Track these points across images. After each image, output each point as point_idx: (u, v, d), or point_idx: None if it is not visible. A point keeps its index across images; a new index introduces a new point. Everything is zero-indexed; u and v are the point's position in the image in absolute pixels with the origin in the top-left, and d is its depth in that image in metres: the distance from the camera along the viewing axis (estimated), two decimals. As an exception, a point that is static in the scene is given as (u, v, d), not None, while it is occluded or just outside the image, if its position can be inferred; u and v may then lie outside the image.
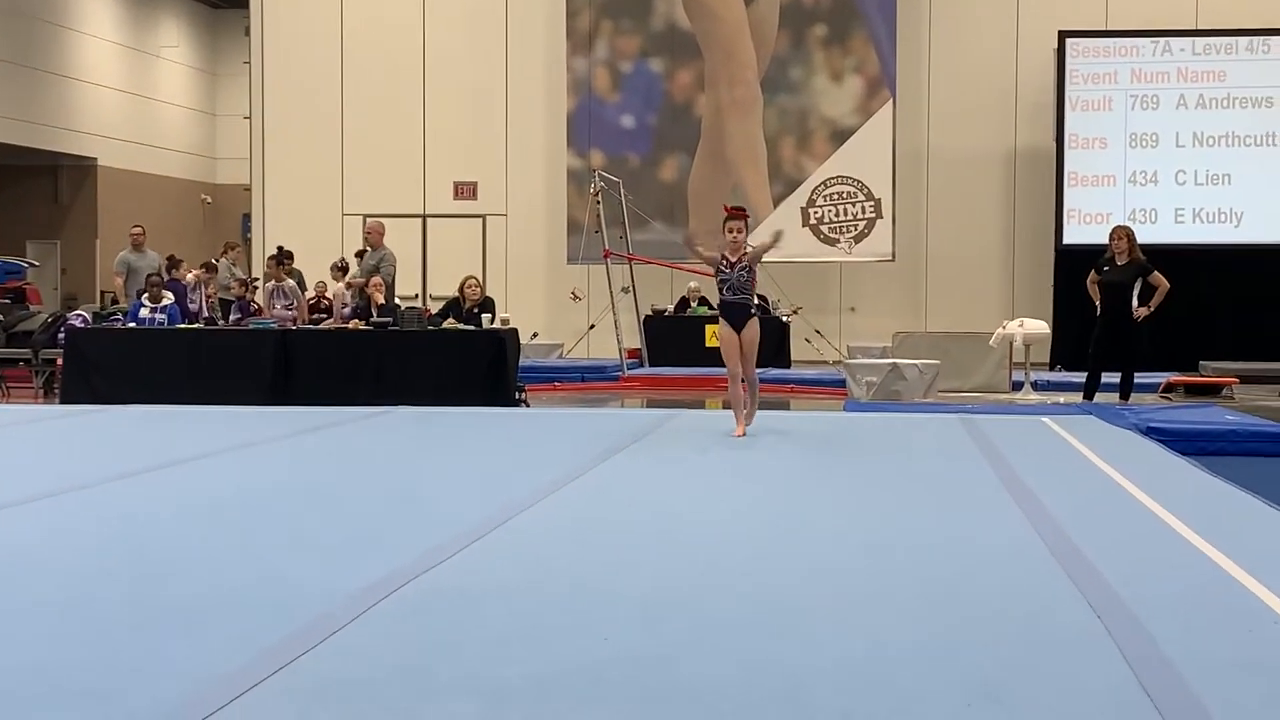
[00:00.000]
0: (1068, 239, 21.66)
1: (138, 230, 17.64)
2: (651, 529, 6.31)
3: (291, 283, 16.85)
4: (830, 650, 4.13)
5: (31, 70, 28.48)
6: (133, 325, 14.95)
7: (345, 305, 16.32)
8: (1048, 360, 20.14)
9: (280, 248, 18.29)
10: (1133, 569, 5.36)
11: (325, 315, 16.72)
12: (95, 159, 30.42)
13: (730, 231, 10.15)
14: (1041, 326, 16.25)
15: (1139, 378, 14.45)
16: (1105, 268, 14.10)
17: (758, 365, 19.30)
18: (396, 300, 15.89)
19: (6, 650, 4.10)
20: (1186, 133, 21.73)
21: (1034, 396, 15.32)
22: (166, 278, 16.27)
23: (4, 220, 28.11)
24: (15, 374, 16.42)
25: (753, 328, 10.27)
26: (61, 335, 15.15)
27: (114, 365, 14.06)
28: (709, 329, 20.48)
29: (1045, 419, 11.81)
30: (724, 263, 10.18)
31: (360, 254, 17.21)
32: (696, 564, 5.50)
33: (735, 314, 10.23)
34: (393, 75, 24.13)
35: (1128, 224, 15.91)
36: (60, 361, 14.90)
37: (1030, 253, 22.91)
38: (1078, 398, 14.47)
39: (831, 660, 4.02)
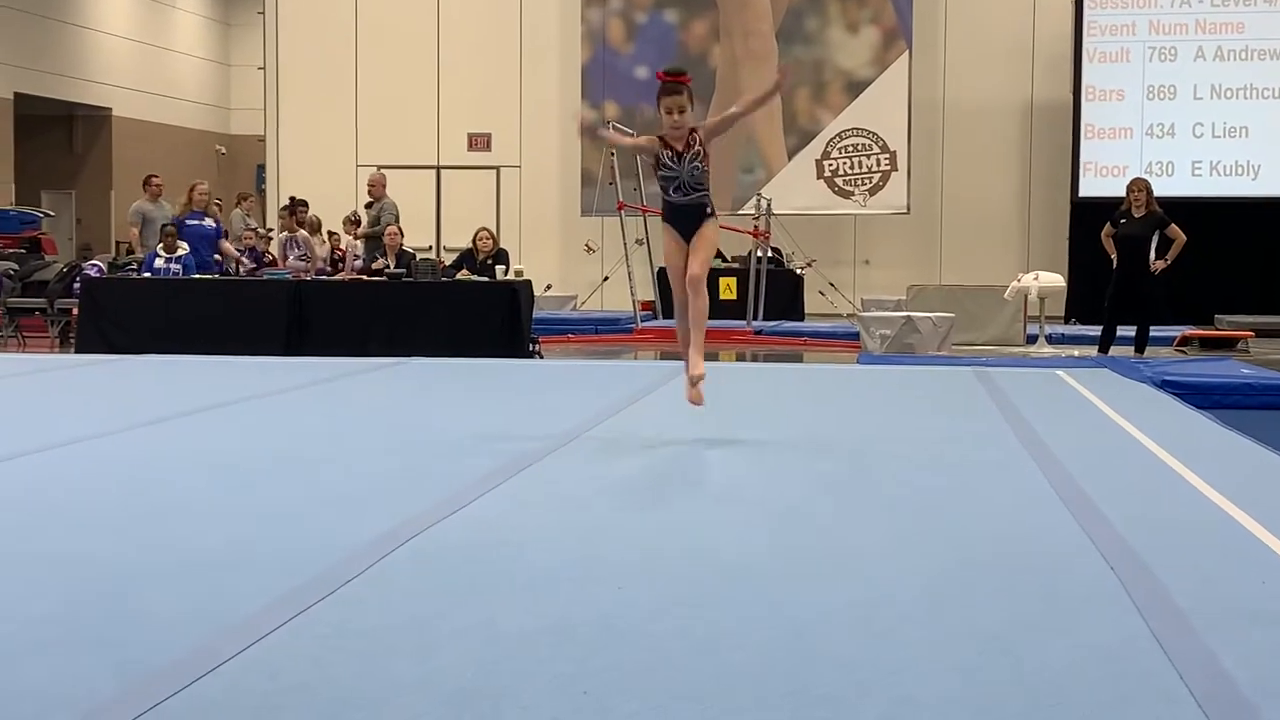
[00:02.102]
0: (1084, 192, 21.56)
1: (158, 180, 17.59)
2: (662, 479, 6.31)
3: (304, 233, 16.83)
4: (839, 600, 4.14)
5: (47, 20, 28.42)
6: (148, 275, 14.96)
7: (356, 257, 16.31)
8: (1062, 313, 20.10)
9: (292, 198, 18.27)
10: (1146, 521, 5.36)
11: (335, 269, 16.70)
12: (110, 109, 30.40)
13: (670, 113, 7.08)
14: (1056, 279, 16.21)
15: (1154, 331, 14.42)
16: (1121, 220, 14.06)
17: (770, 318, 19.19)
18: (403, 248, 15.85)
19: (18, 598, 4.12)
20: (1204, 85, 21.58)
21: (1048, 349, 15.30)
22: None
23: (20, 170, 28.12)
24: (31, 323, 16.45)
25: (705, 232, 7.23)
26: (77, 285, 15.17)
27: (129, 315, 14.08)
28: (722, 281, 20.46)
29: (1060, 372, 11.79)
30: (667, 153, 7.14)
31: (369, 206, 17.22)
32: (707, 515, 5.51)
33: (685, 218, 7.24)
34: (407, 26, 24.03)
35: (1145, 176, 15.85)
36: (76, 311, 14.93)
37: (1046, 205, 22.82)
38: (1092, 351, 14.45)
39: (840, 611, 4.02)
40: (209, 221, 15.49)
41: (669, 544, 4.91)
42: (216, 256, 15.68)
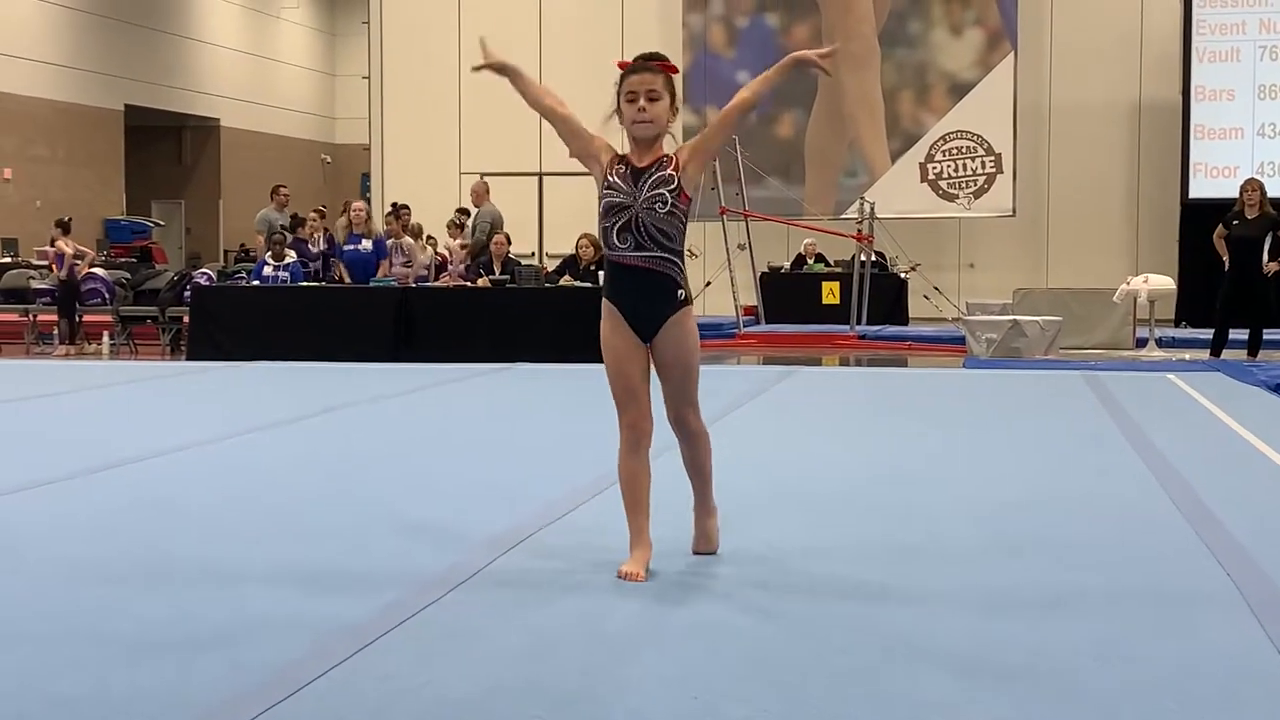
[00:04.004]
0: (1194, 193, 21.22)
1: (285, 190, 17.93)
2: (768, 483, 6.29)
3: (409, 240, 16.96)
4: (950, 602, 4.10)
5: (157, 33, 28.94)
6: (257, 283, 15.16)
7: (463, 262, 16.42)
8: (1173, 316, 19.79)
9: (395, 204, 18.44)
10: (1263, 527, 5.26)
11: (437, 274, 16.82)
12: (218, 120, 30.88)
13: (633, 99, 4.64)
14: (1166, 282, 15.96)
15: (1268, 334, 14.17)
16: (1234, 221, 13.85)
17: (874, 322, 19.10)
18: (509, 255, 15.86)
19: (136, 600, 4.18)
20: (1317, 83, 21.17)
21: (1159, 353, 15.07)
22: (291, 236, 16.47)
23: (130, 181, 28.65)
24: (143, 331, 16.74)
25: (676, 341, 4.53)
26: (187, 293, 15.41)
27: (239, 322, 14.28)
28: (825, 286, 20.36)
29: (1171, 376, 11.63)
30: (617, 168, 4.64)
31: (463, 212, 17.41)
32: (815, 518, 5.48)
33: (639, 299, 4.55)
34: (509, 33, 24.16)
35: (1258, 177, 15.57)
36: (186, 319, 15.16)
37: (1155, 207, 22.49)
38: (1204, 354, 14.22)
39: (951, 612, 3.99)
40: (366, 244, 14.88)
41: (771, 545, 4.89)
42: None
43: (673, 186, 4.44)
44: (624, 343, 4.55)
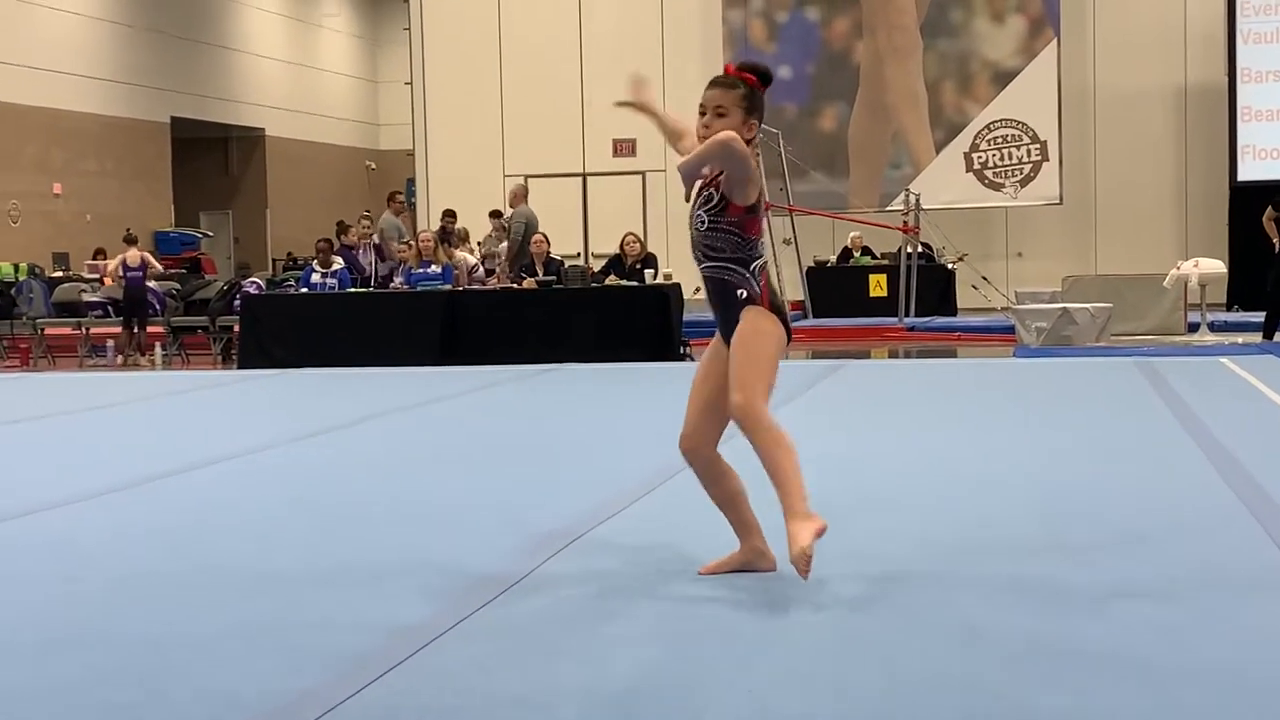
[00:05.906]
0: (1242, 176, 21.04)
1: (401, 196, 18.40)
2: (822, 476, 6.26)
3: (459, 255, 17.00)
4: (1006, 590, 4.09)
5: (201, 45, 29.14)
6: (305, 291, 15.24)
7: (504, 266, 16.47)
8: (1224, 300, 19.63)
9: (444, 214, 18.51)
10: (1322, 509, 5.22)
11: (487, 277, 16.87)
12: (263, 129, 31.07)
13: (703, 114, 4.55)
14: (1217, 266, 15.83)
15: (1321, 316, 14.05)
16: (1283, 203, 13.74)
17: (922, 314, 19.03)
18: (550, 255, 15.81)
19: (200, 603, 4.22)
20: (1364, 61, 20.95)
21: (1211, 337, 14.95)
22: (337, 244, 16.55)
23: (178, 192, 28.86)
24: (194, 341, 16.86)
25: (741, 325, 4.48)
26: (237, 303, 15.51)
27: (289, 330, 14.36)
28: (872, 278, 20.30)
29: (1224, 359, 11.55)
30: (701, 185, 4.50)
31: (495, 214, 17.54)
32: (868, 509, 5.47)
33: (710, 299, 4.60)
34: (550, 34, 24.22)
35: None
36: (236, 328, 15.26)
37: (1203, 191, 22.30)
38: (1257, 337, 14.11)
39: (1006, 599, 3.97)
40: (435, 268, 15.00)
41: (826, 539, 4.88)
42: None
43: (711, 205, 4.42)
44: (711, 350, 4.64)
